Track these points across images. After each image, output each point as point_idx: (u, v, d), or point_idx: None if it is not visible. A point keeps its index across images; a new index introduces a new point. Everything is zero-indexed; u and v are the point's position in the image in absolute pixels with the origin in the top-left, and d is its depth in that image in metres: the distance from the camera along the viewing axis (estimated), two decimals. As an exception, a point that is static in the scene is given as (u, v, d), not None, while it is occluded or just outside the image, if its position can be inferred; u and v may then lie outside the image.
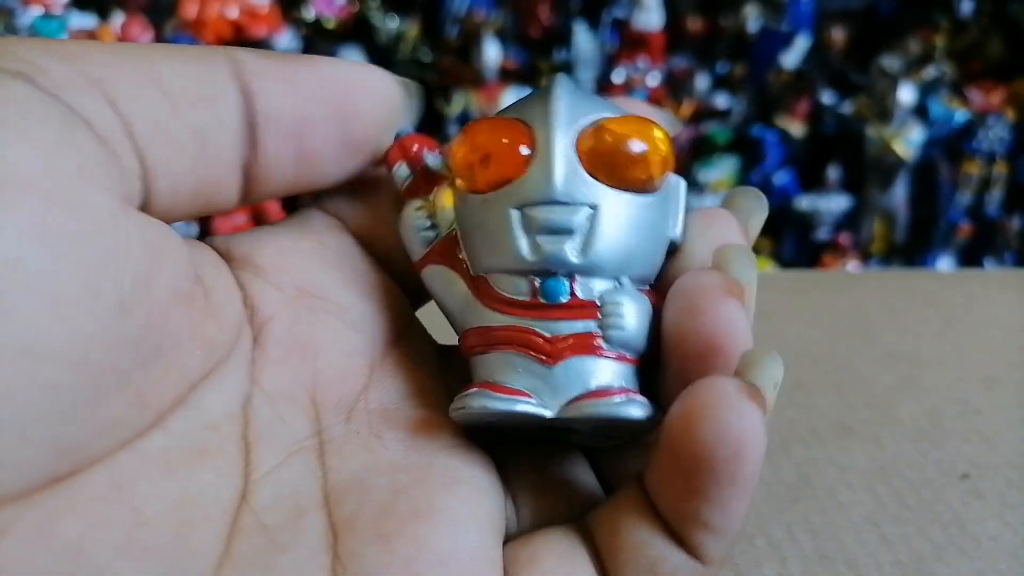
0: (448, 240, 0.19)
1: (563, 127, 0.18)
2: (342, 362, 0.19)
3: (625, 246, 0.18)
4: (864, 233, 0.94)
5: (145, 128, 0.16)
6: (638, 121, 0.18)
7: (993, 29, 0.90)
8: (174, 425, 0.16)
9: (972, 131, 0.90)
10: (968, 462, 0.30)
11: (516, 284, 0.18)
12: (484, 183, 0.18)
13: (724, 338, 0.17)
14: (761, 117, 0.93)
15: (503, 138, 0.18)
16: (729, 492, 0.15)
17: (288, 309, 0.18)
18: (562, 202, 0.17)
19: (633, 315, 0.18)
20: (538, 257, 0.17)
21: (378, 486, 0.17)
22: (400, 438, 0.18)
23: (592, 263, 0.18)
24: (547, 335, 0.17)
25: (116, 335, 0.14)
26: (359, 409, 0.19)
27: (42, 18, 0.71)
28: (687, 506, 0.16)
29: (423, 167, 0.20)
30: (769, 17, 0.89)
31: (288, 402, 0.18)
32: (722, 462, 0.15)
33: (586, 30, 0.88)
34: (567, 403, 0.17)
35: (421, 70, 0.88)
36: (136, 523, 0.15)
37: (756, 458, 0.15)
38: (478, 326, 0.18)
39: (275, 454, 0.17)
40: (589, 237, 0.17)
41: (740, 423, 0.15)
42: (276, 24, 0.83)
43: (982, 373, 0.37)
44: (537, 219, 0.17)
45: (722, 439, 0.15)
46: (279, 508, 0.16)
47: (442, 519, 0.17)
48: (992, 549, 0.26)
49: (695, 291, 0.17)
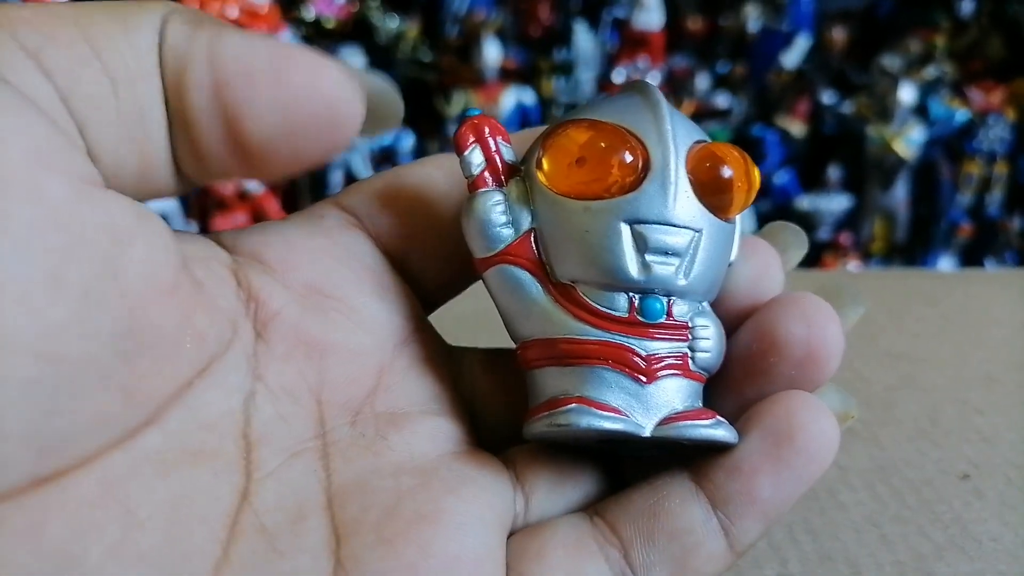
0: (526, 239, 0.18)
1: (677, 145, 0.18)
2: (350, 362, 0.18)
3: (714, 271, 0.18)
4: (865, 233, 0.94)
5: (84, 106, 0.15)
6: (733, 149, 0.18)
7: (993, 29, 0.90)
8: (169, 424, 0.16)
9: (972, 131, 0.90)
10: (968, 462, 0.30)
11: (614, 299, 0.18)
12: (578, 188, 0.18)
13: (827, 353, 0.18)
14: (762, 117, 0.93)
15: (609, 145, 0.18)
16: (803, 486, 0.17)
17: (295, 306, 0.18)
18: (675, 224, 0.17)
19: (718, 339, 0.18)
20: (645, 276, 0.17)
21: (382, 489, 0.17)
22: (406, 441, 0.18)
23: (691, 287, 0.18)
24: (643, 353, 0.18)
25: (89, 326, 0.14)
26: (365, 411, 0.18)
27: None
28: (763, 490, 0.17)
29: (497, 154, 0.18)
30: (769, 17, 0.89)
31: (292, 401, 0.17)
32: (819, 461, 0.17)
33: (586, 30, 0.88)
34: (659, 422, 0.17)
35: (421, 70, 0.88)
36: (129, 525, 0.15)
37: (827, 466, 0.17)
38: (564, 336, 0.18)
39: (278, 454, 0.17)
40: (692, 261, 0.18)
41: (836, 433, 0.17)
42: (276, 24, 0.83)
43: (982, 373, 0.37)
44: (650, 238, 0.17)
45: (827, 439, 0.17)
46: (280, 509, 0.16)
47: (447, 522, 0.16)
48: (992, 549, 0.26)
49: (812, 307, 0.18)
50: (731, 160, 0.18)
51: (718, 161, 0.18)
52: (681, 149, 0.18)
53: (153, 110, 0.16)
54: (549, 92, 0.88)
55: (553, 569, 0.17)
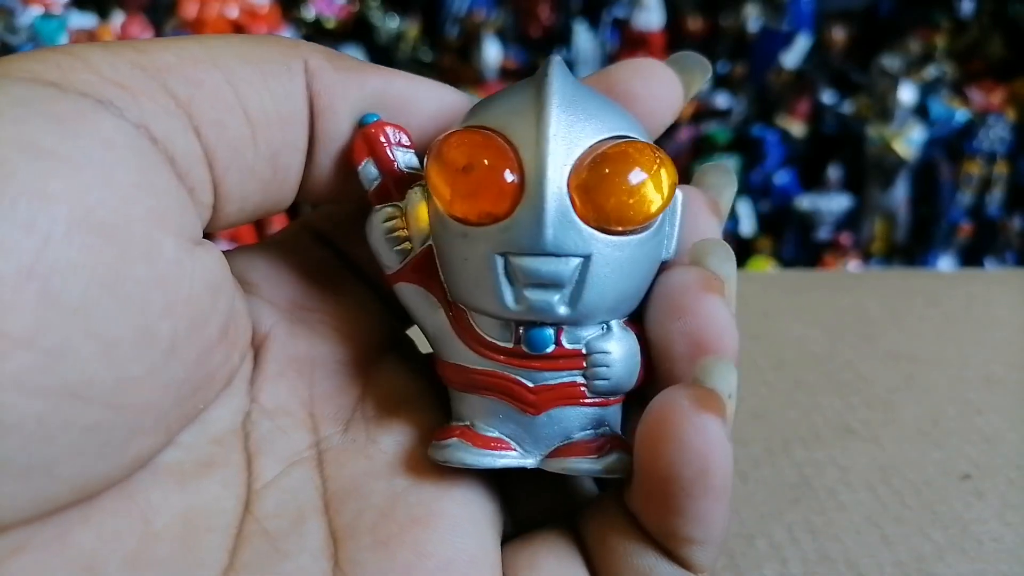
0: (425, 256, 0.17)
1: (556, 157, 0.15)
2: (337, 373, 0.19)
3: (617, 291, 0.16)
4: (865, 233, 0.94)
5: (225, 157, 0.16)
6: (638, 151, 0.16)
7: (993, 29, 0.90)
8: (183, 439, 0.16)
9: (973, 131, 0.89)
10: (969, 462, 0.30)
11: (499, 329, 0.17)
12: (461, 210, 0.16)
13: (709, 337, 0.16)
14: (762, 117, 0.93)
15: (484, 160, 0.16)
16: (704, 505, 0.15)
17: (283, 324, 0.19)
18: (552, 254, 0.16)
19: (620, 361, 0.17)
20: (523, 308, 0.16)
21: (377, 491, 0.17)
22: (397, 442, 0.18)
23: (581, 314, 0.16)
24: (530, 385, 0.16)
25: (163, 377, 0.15)
26: (356, 418, 0.19)
27: (42, 17, 0.71)
28: (667, 523, 0.16)
29: (394, 166, 0.17)
30: (769, 17, 0.89)
31: (286, 416, 0.18)
32: (690, 480, 0.15)
33: (586, 30, 0.88)
34: (548, 454, 0.17)
35: (421, 70, 0.87)
36: (146, 535, 0.15)
37: (724, 468, 0.15)
38: (457, 363, 0.17)
39: (276, 464, 0.17)
40: (579, 289, 0.16)
41: (701, 437, 0.15)
42: (276, 24, 0.83)
43: (983, 373, 0.37)
44: (524, 270, 0.16)
45: (686, 457, 0.15)
46: (281, 515, 0.17)
47: (441, 524, 0.17)
48: (993, 549, 0.26)
49: (676, 291, 0.17)
50: (634, 167, 0.16)
51: (614, 175, 0.16)
52: (562, 160, 0.15)
53: (286, 151, 0.17)
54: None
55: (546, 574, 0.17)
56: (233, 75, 0.16)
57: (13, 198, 0.12)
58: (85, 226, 0.13)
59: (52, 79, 0.14)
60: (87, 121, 0.14)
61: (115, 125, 0.14)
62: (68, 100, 0.14)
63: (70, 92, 0.14)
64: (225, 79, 0.16)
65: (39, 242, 0.12)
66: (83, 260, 0.13)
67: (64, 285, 0.13)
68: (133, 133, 0.14)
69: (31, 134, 0.13)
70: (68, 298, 0.13)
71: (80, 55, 0.15)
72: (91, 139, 0.14)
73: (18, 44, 0.69)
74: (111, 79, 0.15)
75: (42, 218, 0.13)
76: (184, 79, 0.15)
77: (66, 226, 0.13)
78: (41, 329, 0.12)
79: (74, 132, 0.14)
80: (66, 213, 0.13)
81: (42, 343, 0.12)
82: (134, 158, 0.14)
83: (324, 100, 0.17)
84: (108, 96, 0.14)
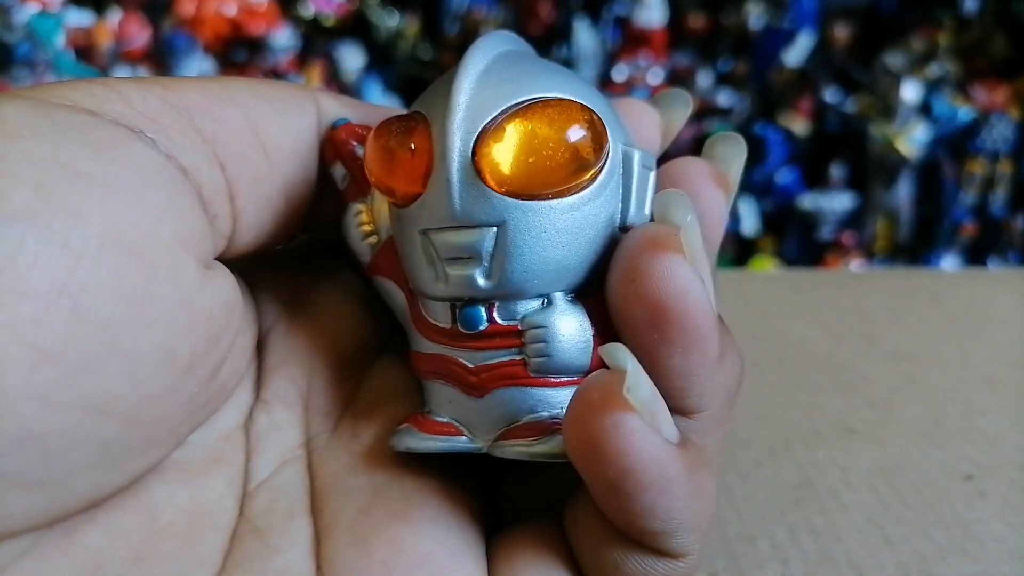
0: (387, 247, 0.17)
1: (462, 123, 0.15)
2: (334, 367, 0.19)
3: (551, 260, 0.15)
4: (867, 232, 0.94)
5: (246, 190, 0.17)
6: (552, 110, 0.15)
7: (997, 27, 0.90)
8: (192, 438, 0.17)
9: (976, 129, 0.89)
10: (971, 463, 0.30)
11: (438, 310, 0.16)
12: (388, 191, 0.16)
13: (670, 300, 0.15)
14: (764, 115, 0.93)
15: (398, 140, 0.16)
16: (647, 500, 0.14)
17: (284, 318, 0.19)
18: (461, 225, 0.15)
19: (562, 336, 0.16)
20: (444, 286, 0.16)
21: (356, 487, 0.17)
22: (379, 436, 0.18)
23: (507, 288, 0.15)
24: (470, 366, 0.16)
25: (180, 394, 0.15)
26: (346, 415, 0.19)
27: (38, 15, 0.71)
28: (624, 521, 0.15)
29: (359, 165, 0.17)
30: (772, 14, 0.89)
31: (284, 408, 0.18)
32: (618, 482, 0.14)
33: (587, 27, 0.88)
34: (495, 438, 0.16)
35: (420, 68, 0.87)
36: (151, 532, 0.15)
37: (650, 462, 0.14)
38: (415, 350, 0.17)
39: (269, 463, 0.18)
40: (499, 260, 0.15)
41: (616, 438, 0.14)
42: (274, 21, 0.83)
43: (986, 373, 0.37)
44: (437, 245, 0.15)
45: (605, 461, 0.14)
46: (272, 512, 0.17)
47: (419, 518, 0.17)
48: (995, 550, 0.25)
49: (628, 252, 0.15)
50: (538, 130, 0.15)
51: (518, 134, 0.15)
52: (468, 127, 0.15)
53: (299, 185, 0.18)
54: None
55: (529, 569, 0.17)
56: (252, 112, 0.17)
57: (49, 217, 0.13)
58: (116, 246, 0.14)
59: (88, 107, 0.15)
60: (121, 147, 0.15)
61: (147, 153, 0.15)
62: (104, 127, 0.15)
63: (105, 120, 0.15)
64: (245, 116, 0.17)
65: (72, 260, 0.13)
66: (113, 279, 0.13)
67: (94, 302, 0.13)
68: (163, 162, 0.15)
69: (69, 157, 0.14)
70: (97, 315, 0.13)
71: (114, 87, 0.16)
72: (125, 164, 0.14)
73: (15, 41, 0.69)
74: (143, 112, 0.15)
75: (76, 237, 0.13)
76: (210, 116, 0.16)
77: (98, 245, 0.13)
78: (70, 344, 0.13)
79: (109, 157, 0.14)
80: (98, 233, 0.13)
81: (70, 358, 0.13)
82: (164, 184, 0.15)
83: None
84: (140, 127, 0.15)
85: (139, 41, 0.80)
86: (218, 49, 0.83)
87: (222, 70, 0.83)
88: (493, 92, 0.15)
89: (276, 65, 0.84)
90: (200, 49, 0.82)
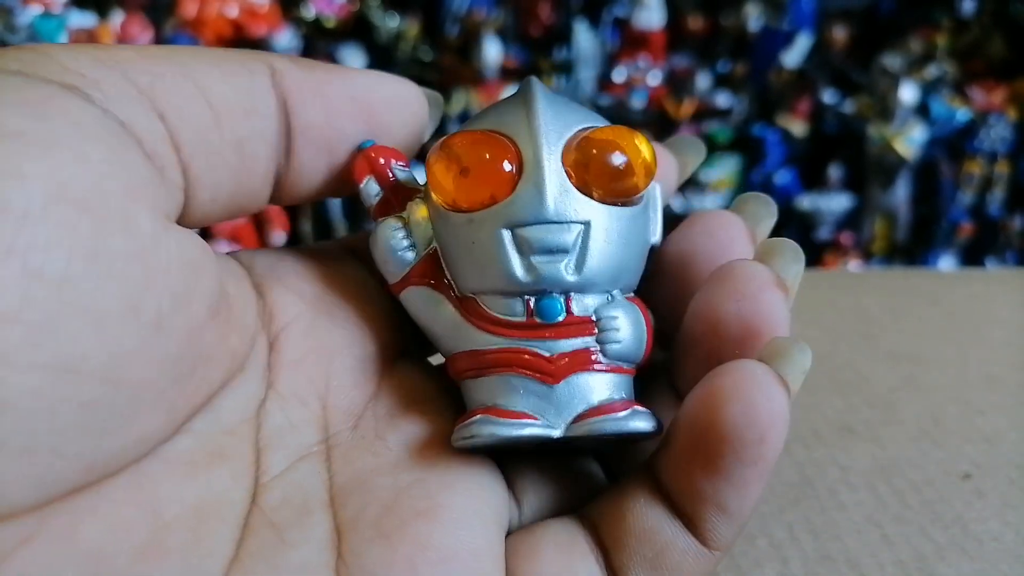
0: (429, 259, 0.18)
1: (549, 141, 0.18)
2: (355, 368, 0.19)
3: (616, 260, 0.18)
4: (865, 232, 0.94)
5: (191, 140, 0.16)
6: (619, 131, 0.18)
7: (995, 28, 0.90)
8: (195, 427, 0.16)
9: (974, 130, 0.89)
10: (970, 462, 0.30)
11: (510, 305, 0.18)
12: (465, 200, 0.18)
13: (765, 325, 0.17)
14: (762, 116, 0.93)
15: (485, 153, 0.18)
16: (750, 473, 0.16)
17: (307, 314, 0.19)
18: (554, 221, 0.17)
19: (628, 328, 0.18)
20: (533, 278, 0.17)
21: (381, 486, 0.17)
22: (404, 440, 0.18)
23: (587, 280, 0.17)
24: (546, 354, 0.17)
25: (155, 353, 0.15)
26: (367, 415, 0.19)
27: (41, 17, 0.71)
28: (704, 487, 0.16)
29: (394, 181, 0.19)
30: (770, 16, 0.89)
31: (300, 406, 0.18)
32: (748, 443, 0.15)
33: (587, 29, 0.88)
34: (572, 421, 0.17)
35: (421, 69, 0.87)
36: (156, 526, 0.15)
37: (779, 442, 0.15)
38: (471, 349, 0.18)
39: (284, 459, 0.17)
40: (582, 255, 0.17)
41: (769, 405, 0.15)
42: (276, 23, 0.83)
43: (984, 373, 0.37)
44: (530, 240, 0.17)
45: (750, 420, 0.15)
46: (287, 507, 0.17)
47: (444, 516, 0.17)
48: (994, 549, 0.26)
49: (740, 277, 0.17)
50: (618, 143, 0.18)
51: (601, 148, 0.18)
52: (555, 143, 0.18)
53: (254, 140, 0.18)
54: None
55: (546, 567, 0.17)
56: (192, 70, 0.17)
57: None
58: (61, 202, 0.13)
59: (16, 69, 0.14)
60: (54, 104, 0.14)
61: (82, 107, 0.15)
62: (34, 86, 0.14)
63: (35, 79, 0.14)
64: (184, 72, 0.17)
65: (16, 220, 0.13)
66: (62, 235, 0.13)
67: (45, 260, 0.13)
68: (100, 115, 0.15)
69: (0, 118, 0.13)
70: (50, 272, 0.13)
71: (42, 51, 0.15)
72: (60, 120, 0.14)
73: (17, 43, 0.69)
74: (74, 70, 0.15)
75: (17, 197, 0.13)
76: (144, 71, 0.16)
77: (42, 203, 0.13)
78: (26, 304, 0.13)
79: (42, 114, 0.14)
80: (41, 191, 0.13)
81: (28, 317, 0.13)
82: (104, 137, 0.15)
83: (296, 97, 0.18)
84: (73, 83, 0.15)
85: (141, 42, 0.80)
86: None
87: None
88: (562, 120, 0.18)
89: (276, 66, 0.84)
90: (201, 50, 0.81)
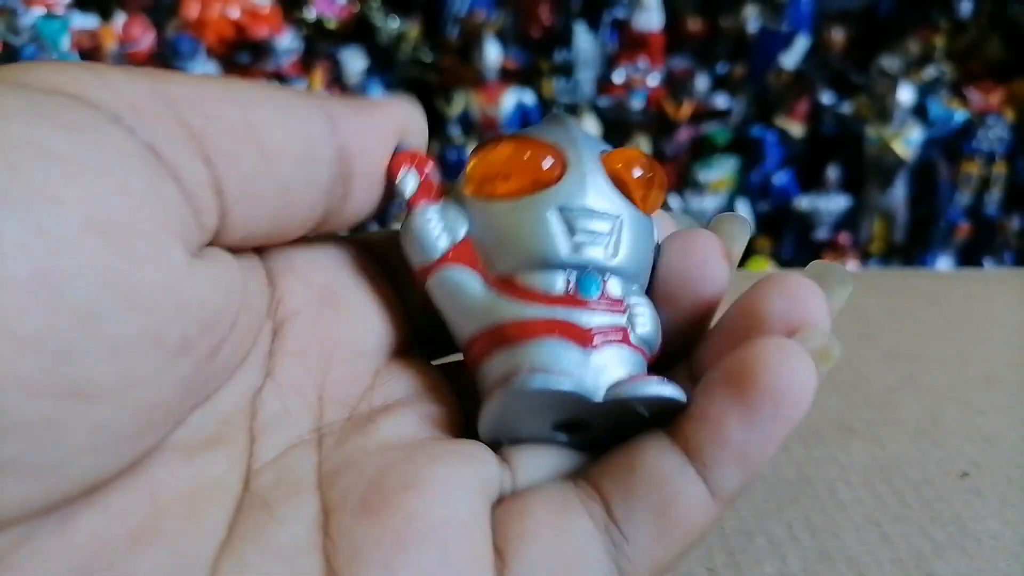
0: (464, 245, 0.19)
1: (589, 146, 0.20)
2: (354, 360, 0.19)
3: (639, 256, 0.20)
4: (863, 233, 0.94)
5: (235, 187, 0.16)
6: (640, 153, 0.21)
7: (992, 29, 0.90)
8: (193, 418, 0.16)
9: (971, 131, 0.90)
10: (969, 461, 0.30)
11: (551, 279, 0.19)
12: (507, 191, 0.19)
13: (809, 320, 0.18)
14: (761, 117, 0.93)
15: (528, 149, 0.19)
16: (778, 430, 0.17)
17: (314, 304, 0.19)
18: (596, 210, 0.19)
19: (652, 317, 0.20)
20: (578, 255, 0.19)
21: (368, 464, 0.17)
22: (397, 424, 0.18)
23: (620, 266, 0.19)
24: (584, 326, 0.18)
25: (173, 376, 0.15)
26: (361, 407, 0.19)
27: (44, 18, 0.71)
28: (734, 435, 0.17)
29: (429, 175, 0.20)
30: (769, 18, 0.89)
31: (297, 395, 0.18)
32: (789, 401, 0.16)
33: (586, 30, 0.88)
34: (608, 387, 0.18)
35: (422, 70, 0.88)
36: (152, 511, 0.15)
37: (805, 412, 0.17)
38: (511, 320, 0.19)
39: (277, 445, 0.17)
40: (618, 243, 0.19)
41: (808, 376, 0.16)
42: (277, 24, 0.83)
43: (983, 372, 0.37)
44: (578, 220, 0.19)
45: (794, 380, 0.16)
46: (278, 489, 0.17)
47: (431, 489, 0.17)
48: (992, 548, 0.26)
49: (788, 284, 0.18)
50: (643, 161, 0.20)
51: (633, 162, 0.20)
52: (593, 149, 0.20)
53: (301, 188, 0.17)
54: (549, 93, 0.88)
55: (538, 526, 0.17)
56: (249, 113, 0.16)
57: (27, 202, 0.12)
58: (95, 231, 0.13)
59: (70, 90, 0.14)
60: (100, 130, 0.14)
61: (125, 138, 0.14)
62: (82, 110, 0.14)
63: (84, 103, 0.14)
64: (242, 114, 0.16)
65: (50, 246, 0.13)
66: (92, 264, 0.13)
67: (73, 289, 0.13)
68: (142, 150, 0.15)
69: (44, 138, 0.13)
70: (77, 302, 0.13)
71: (100, 73, 0.15)
72: (104, 147, 0.14)
73: (20, 44, 0.69)
74: (127, 99, 0.15)
75: (54, 222, 0.13)
76: (200, 112, 0.16)
77: (77, 231, 0.13)
78: (50, 332, 0.12)
79: (87, 139, 0.14)
80: (77, 218, 0.13)
81: (50, 346, 0.12)
82: (143, 169, 0.14)
83: (356, 146, 0.18)
84: (121, 113, 0.15)
85: (144, 43, 0.80)
86: (222, 52, 0.83)
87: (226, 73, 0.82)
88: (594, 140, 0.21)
89: (279, 68, 0.84)
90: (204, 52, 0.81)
